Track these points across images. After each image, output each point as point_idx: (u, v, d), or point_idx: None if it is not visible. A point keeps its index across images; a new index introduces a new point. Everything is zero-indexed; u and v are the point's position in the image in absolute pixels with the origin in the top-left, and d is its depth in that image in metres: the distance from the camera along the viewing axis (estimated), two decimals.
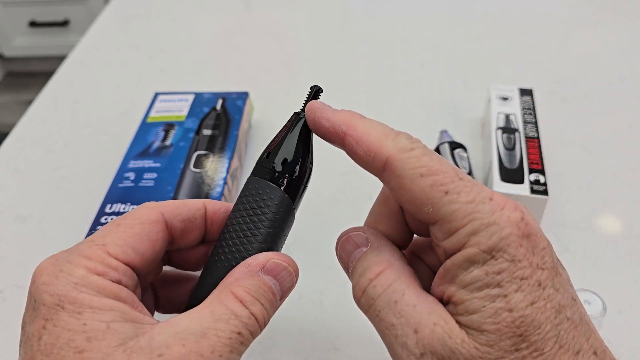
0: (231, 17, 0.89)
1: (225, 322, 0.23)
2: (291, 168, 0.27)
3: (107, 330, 0.22)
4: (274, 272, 0.26)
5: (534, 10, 0.88)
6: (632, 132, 0.62)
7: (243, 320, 0.24)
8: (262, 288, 0.25)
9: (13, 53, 2.11)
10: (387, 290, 0.24)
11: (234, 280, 0.25)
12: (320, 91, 0.29)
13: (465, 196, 0.22)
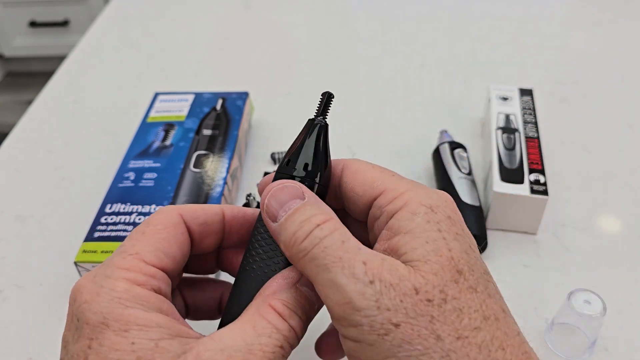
0: (231, 17, 0.89)
1: (267, 337, 0.23)
2: (312, 172, 0.27)
3: (156, 348, 0.22)
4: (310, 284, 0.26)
5: (534, 10, 0.88)
6: (632, 132, 0.62)
7: (284, 333, 0.24)
8: (300, 300, 0.25)
9: (13, 53, 2.11)
10: (333, 233, 0.24)
11: (272, 293, 0.25)
12: (332, 97, 0.29)
13: (408, 179, 0.27)
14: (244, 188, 0.55)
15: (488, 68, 0.74)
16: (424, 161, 0.57)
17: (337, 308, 0.22)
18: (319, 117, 0.29)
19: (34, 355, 0.41)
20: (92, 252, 0.42)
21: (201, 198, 0.46)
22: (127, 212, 0.45)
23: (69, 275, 0.46)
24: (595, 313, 0.37)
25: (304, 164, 0.27)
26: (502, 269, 0.46)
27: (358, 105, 0.67)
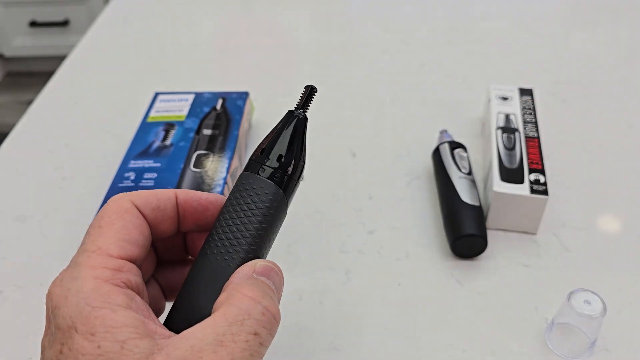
0: (231, 17, 0.89)
1: (240, 325, 0.22)
2: (285, 164, 0.27)
3: (122, 351, 0.21)
4: (265, 273, 0.26)
5: (534, 10, 0.88)
6: (632, 132, 0.62)
7: (257, 317, 0.23)
8: (264, 287, 0.25)
9: (13, 53, 2.11)
10: None
11: (236, 285, 0.25)
12: (315, 90, 0.29)
13: None
14: None
15: (488, 68, 0.74)
16: (424, 161, 0.57)
17: None
18: (299, 110, 0.28)
19: (34, 355, 0.41)
20: None
21: None
22: None
23: None
24: (595, 313, 0.37)
25: (277, 155, 0.27)
26: (502, 269, 0.46)
27: (358, 105, 0.67)
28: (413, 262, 0.47)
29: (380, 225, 0.50)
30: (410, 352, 0.40)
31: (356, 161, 0.58)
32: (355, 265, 0.47)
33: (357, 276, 0.46)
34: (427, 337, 0.41)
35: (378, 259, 0.47)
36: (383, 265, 0.47)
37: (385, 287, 0.45)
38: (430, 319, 0.42)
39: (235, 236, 0.26)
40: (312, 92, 0.29)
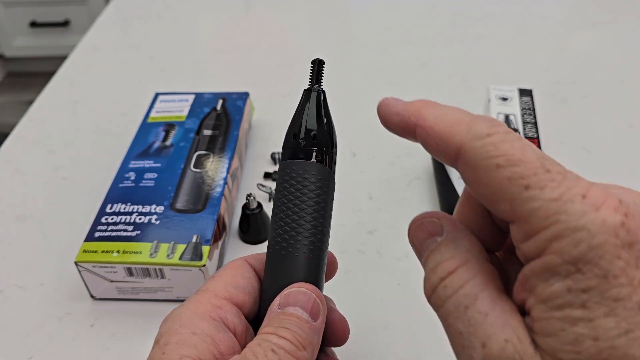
0: (231, 17, 0.89)
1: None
2: (321, 141, 0.27)
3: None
4: (289, 301, 0.26)
5: (534, 10, 0.88)
6: (632, 132, 0.62)
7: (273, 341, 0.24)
8: (282, 319, 0.25)
9: (13, 53, 2.11)
10: (458, 293, 0.21)
11: (261, 328, 0.26)
12: (323, 63, 0.29)
13: (550, 192, 0.18)
14: (244, 188, 0.55)
15: (488, 68, 0.74)
16: (424, 161, 0.57)
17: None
18: (315, 86, 0.28)
19: (34, 355, 0.41)
20: (93, 252, 0.42)
21: (201, 198, 0.46)
22: (128, 212, 0.45)
23: (69, 275, 0.46)
24: None
25: (311, 134, 0.27)
26: None
27: (358, 105, 0.67)
28: (413, 262, 0.47)
29: (380, 225, 0.50)
30: (410, 352, 0.40)
31: (356, 161, 0.58)
32: (355, 265, 0.47)
33: (357, 276, 0.46)
34: (427, 337, 0.41)
35: (378, 259, 0.47)
36: (383, 265, 0.47)
37: (385, 287, 0.45)
38: (430, 319, 0.42)
39: (299, 223, 0.27)
40: (320, 65, 0.28)
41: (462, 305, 0.20)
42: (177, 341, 0.24)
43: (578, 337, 0.17)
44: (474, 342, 0.19)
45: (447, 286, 0.21)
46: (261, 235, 0.49)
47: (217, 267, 0.45)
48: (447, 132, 0.21)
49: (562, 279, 0.18)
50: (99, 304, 0.44)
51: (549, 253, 0.18)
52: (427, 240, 0.23)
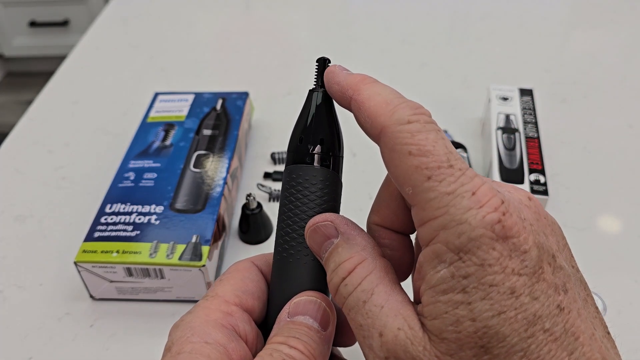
0: (231, 17, 0.89)
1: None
2: (327, 144, 0.27)
3: None
4: (298, 310, 0.26)
5: (534, 10, 0.88)
6: (632, 132, 0.62)
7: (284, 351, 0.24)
8: (293, 328, 0.25)
9: (13, 53, 2.11)
10: (357, 290, 0.23)
11: (271, 337, 0.26)
12: (329, 62, 0.27)
13: (446, 186, 0.20)
14: (244, 188, 0.55)
15: (488, 68, 0.74)
16: None
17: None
18: (320, 87, 0.27)
19: (34, 355, 0.41)
20: (92, 252, 0.42)
21: (201, 198, 0.46)
22: (127, 212, 0.45)
23: (69, 275, 0.46)
24: None
25: (319, 139, 0.26)
26: None
27: None
28: None
29: None
30: None
31: (356, 161, 0.58)
32: None
33: None
34: None
35: None
36: None
37: None
38: None
39: (300, 226, 0.26)
40: (325, 64, 0.27)
41: (360, 300, 0.23)
42: (190, 350, 0.24)
43: (459, 318, 0.20)
44: (372, 332, 0.22)
45: (347, 284, 0.23)
46: (261, 235, 0.49)
47: (216, 267, 0.45)
48: (375, 110, 0.23)
49: (446, 266, 0.20)
50: (98, 304, 0.44)
51: (437, 241, 0.20)
52: (324, 242, 0.25)
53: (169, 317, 0.43)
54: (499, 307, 0.19)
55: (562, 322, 0.20)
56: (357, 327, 0.23)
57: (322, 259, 0.25)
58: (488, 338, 0.20)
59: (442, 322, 0.20)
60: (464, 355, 0.20)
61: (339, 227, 0.25)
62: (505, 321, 0.19)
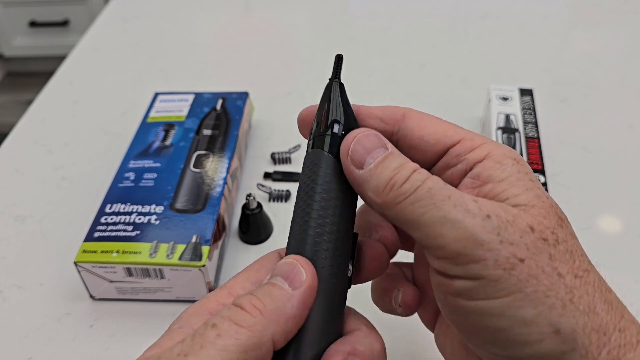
0: (231, 17, 0.89)
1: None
2: (347, 128, 0.27)
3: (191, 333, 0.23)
4: (275, 272, 0.25)
5: (534, 10, 0.88)
6: (632, 132, 0.62)
7: (222, 312, 0.23)
8: (263, 287, 0.24)
9: (13, 53, 2.11)
10: (432, 176, 0.23)
11: None
12: (342, 58, 0.29)
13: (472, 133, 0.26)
14: (244, 188, 0.55)
15: (488, 68, 0.74)
16: None
17: (454, 245, 0.22)
18: (335, 79, 0.28)
19: (34, 355, 0.41)
20: (92, 252, 0.42)
21: (201, 198, 0.46)
22: (127, 212, 0.45)
23: (69, 275, 0.46)
24: None
25: (337, 123, 0.27)
26: None
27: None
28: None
29: None
30: (411, 353, 0.40)
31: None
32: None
33: None
34: (427, 337, 0.41)
35: None
36: None
37: None
38: None
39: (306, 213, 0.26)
40: (339, 60, 0.29)
41: (440, 182, 0.23)
42: (170, 338, 0.24)
43: (538, 194, 0.24)
44: (465, 199, 0.22)
45: (421, 172, 0.23)
46: (261, 235, 0.49)
47: (216, 267, 0.45)
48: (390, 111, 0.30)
49: (511, 165, 0.24)
50: (98, 304, 0.44)
51: (493, 154, 0.25)
52: (376, 149, 0.25)
53: (169, 317, 0.43)
54: (554, 202, 0.24)
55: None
56: (444, 199, 0.22)
57: (366, 165, 0.24)
58: (560, 213, 0.24)
59: (527, 195, 0.23)
60: (552, 218, 0.23)
61: (388, 142, 0.26)
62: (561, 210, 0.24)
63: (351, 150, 0.25)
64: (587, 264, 0.24)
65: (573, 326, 0.21)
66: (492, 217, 0.22)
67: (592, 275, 0.23)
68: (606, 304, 0.22)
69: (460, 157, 0.25)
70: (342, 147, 0.26)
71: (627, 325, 0.22)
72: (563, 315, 0.21)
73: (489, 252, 0.21)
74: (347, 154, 0.25)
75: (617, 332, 0.22)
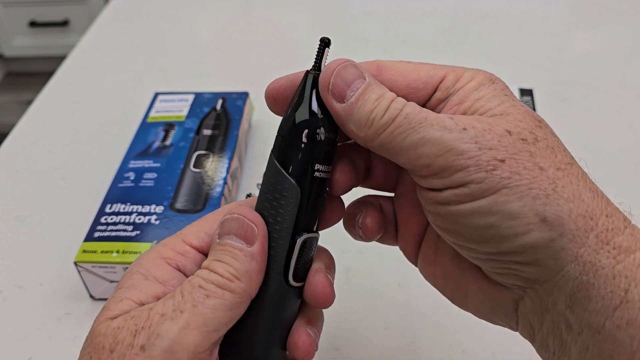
0: (231, 17, 0.89)
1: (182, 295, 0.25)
2: (283, 128, 0.26)
3: (122, 301, 0.25)
4: (224, 230, 0.26)
5: (534, 10, 0.88)
6: (632, 132, 0.62)
7: (203, 276, 0.24)
8: (218, 250, 0.25)
9: (13, 53, 2.11)
10: (409, 103, 0.24)
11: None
12: (327, 44, 0.26)
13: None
14: (244, 188, 0.55)
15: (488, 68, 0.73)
16: None
17: (437, 160, 0.23)
18: (314, 70, 0.26)
19: (34, 355, 0.41)
20: (92, 252, 0.42)
21: (201, 198, 0.46)
22: (127, 212, 0.45)
23: (69, 275, 0.46)
24: None
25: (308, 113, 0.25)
26: None
27: None
28: None
29: None
30: (410, 352, 0.40)
31: None
32: (355, 265, 0.47)
33: (357, 276, 0.46)
34: (427, 337, 0.41)
35: (378, 259, 0.47)
36: (383, 266, 0.47)
37: (385, 287, 0.45)
38: (430, 319, 0.42)
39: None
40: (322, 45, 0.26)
41: (417, 107, 0.24)
42: (128, 285, 0.25)
43: (514, 104, 0.26)
44: (441, 118, 0.23)
45: (399, 100, 0.24)
46: None
47: None
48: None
49: (487, 85, 0.27)
50: (98, 304, 0.44)
51: (474, 78, 0.27)
52: (355, 81, 0.25)
53: None
54: (532, 110, 0.26)
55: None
56: (421, 120, 0.23)
57: (349, 97, 0.25)
58: (538, 117, 0.25)
59: (503, 106, 0.25)
60: (529, 121, 0.24)
61: (364, 71, 0.25)
62: (540, 119, 0.26)
63: (331, 85, 0.25)
64: (569, 158, 0.25)
65: (559, 213, 0.22)
66: (469, 129, 0.23)
67: (575, 168, 0.24)
68: (591, 192, 0.23)
69: (448, 89, 0.26)
70: (321, 80, 0.25)
71: (614, 212, 0.23)
72: (547, 204, 0.22)
73: (470, 160, 0.22)
74: (328, 87, 0.25)
75: (605, 217, 0.23)
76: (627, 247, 0.22)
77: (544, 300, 0.24)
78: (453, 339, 0.41)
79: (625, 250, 0.22)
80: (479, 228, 0.23)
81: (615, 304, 0.21)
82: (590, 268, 0.22)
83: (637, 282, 0.21)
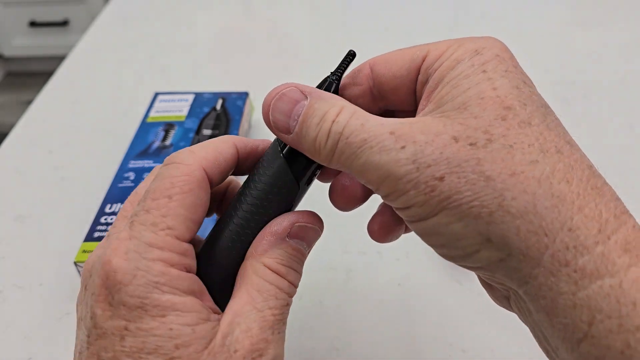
0: (231, 17, 0.89)
1: (274, 299, 0.24)
2: None
3: (193, 334, 0.22)
4: (301, 235, 0.26)
5: (534, 10, 0.88)
6: (632, 132, 0.62)
7: (286, 291, 0.25)
8: (292, 254, 0.25)
9: (13, 53, 2.11)
10: (351, 120, 0.23)
11: (263, 252, 0.25)
12: (351, 57, 0.28)
13: None
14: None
15: None
16: None
17: (381, 187, 0.22)
18: (335, 78, 0.27)
19: (34, 355, 0.41)
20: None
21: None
22: None
23: (69, 275, 0.46)
24: None
25: None
26: None
27: None
28: (413, 262, 0.47)
29: None
30: (411, 352, 0.40)
31: None
32: (356, 265, 0.47)
33: (357, 276, 0.46)
34: (427, 337, 0.41)
35: (378, 259, 0.47)
36: (383, 266, 0.47)
37: (385, 287, 0.45)
38: (430, 319, 0.42)
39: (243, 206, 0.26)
40: (347, 57, 0.28)
41: (358, 125, 0.22)
42: (175, 309, 0.23)
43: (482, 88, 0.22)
44: (380, 138, 0.22)
45: (339, 121, 0.23)
46: None
47: None
48: None
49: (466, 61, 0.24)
50: None
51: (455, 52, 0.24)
52: (294, 107, 0.24)
53: None
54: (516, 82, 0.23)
55: (541, 101, 0.24)
56: (360, 144, 0.22)
57: (293, 128, 0.24)
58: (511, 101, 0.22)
59: (465, 96, 0.22)
60: (487, 116, 0.21)
61: (304, 89, 0.24)
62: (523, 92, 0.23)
63: (272, 122, 0.24)
64: (537, 153, 0.21)
65: (504, 232, 0.20)
66: (408, 145, 0.21)
67: (541, 166, 0.20)
68: (555, 199, 0.20)
69: (428, 71, 0.25)
70: (264, 118, 0.25)
71: (584, 223, 0.20)
72: (491, 222, 0.20)
73: (408, 184, 0.21)
74: (272, 125, 0.25)
75: (566, 232, 0.19)
76: (592, 270, 0.19)
77: (522, 305, 0.22)
78: (453, 339, 0.41)
79: (590, 274, 0.19)
80: (437, 245, 0.23)
81: (578, 337, 0.19)
82: (547, 292, 0.20)
83: (603, 316, 0.18)
